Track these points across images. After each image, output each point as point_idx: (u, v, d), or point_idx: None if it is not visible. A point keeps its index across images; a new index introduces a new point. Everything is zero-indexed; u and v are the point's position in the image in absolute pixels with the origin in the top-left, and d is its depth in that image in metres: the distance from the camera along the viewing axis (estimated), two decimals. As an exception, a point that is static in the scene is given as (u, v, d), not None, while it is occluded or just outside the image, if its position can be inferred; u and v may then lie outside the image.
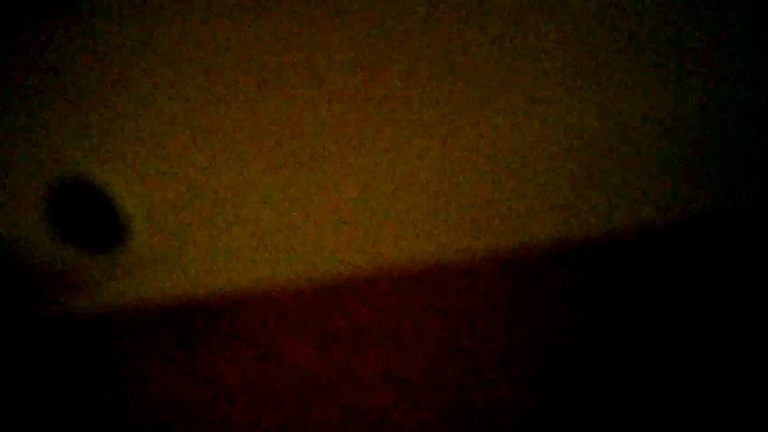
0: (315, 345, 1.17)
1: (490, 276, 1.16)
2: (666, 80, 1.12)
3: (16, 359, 1.20)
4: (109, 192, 1.17)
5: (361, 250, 1.17)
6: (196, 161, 1.16)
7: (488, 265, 1.15)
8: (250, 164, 1.15)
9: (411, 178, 1.14)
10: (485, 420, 1.13)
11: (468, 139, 1.13)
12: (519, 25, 1.11)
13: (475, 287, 1.15)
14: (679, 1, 1.11)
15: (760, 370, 1.12)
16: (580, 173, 1.14)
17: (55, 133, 1.16)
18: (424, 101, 1.13)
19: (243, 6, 1.12)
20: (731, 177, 1.15)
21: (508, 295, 1.15)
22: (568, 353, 1.14)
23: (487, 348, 1.14)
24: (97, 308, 1.20)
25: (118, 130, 1.16)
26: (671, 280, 1.15)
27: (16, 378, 1.20)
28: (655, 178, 1.15)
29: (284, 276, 1.18)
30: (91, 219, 1.17)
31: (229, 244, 1.18)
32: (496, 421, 1.13)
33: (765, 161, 1.15)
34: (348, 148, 1.14)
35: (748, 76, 1.12)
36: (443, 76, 1.12)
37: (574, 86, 1.13)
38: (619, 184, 1.14)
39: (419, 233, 1.16)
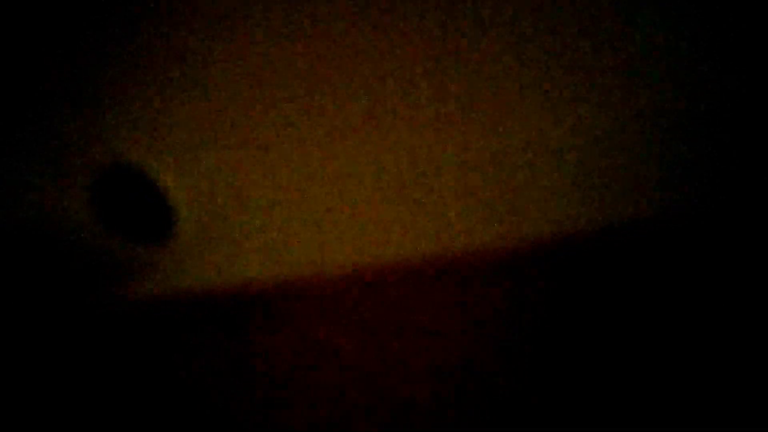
0: (358, 335, 1.18)
1: (533, 269, 1.17)
2: (664, 78, 1.14)
3: (64, 348, 1.22)
4: (157, 181, 1.18)
5: (404, 243, 1.19)
6: (244, 151, 1.17)
7: (531, 257, 1.17)
8: (298, 155, 1.17)
9: (458, 170, 1.16)
10: (528, 413, 1.15)
11: (492, 136, 1.15)
12: (529, 29, 1.13)
13: (520, 280, 1.17)
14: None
15: (743, 372, 1.14)
16: (591, 169, 1.16)
17: (104, 123, 1.17)
18: (460, 102, 1.14)
19: (290, 14, 1.14)
20: (729, 175, 1.16)
21: (551, 287, 1.17)
22: (602, 344, 1.16)
23: (532, 342, 1.16)
24: (143, 297, 1.21)
25: (168, 119, 1.17)
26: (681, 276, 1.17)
27: (64, 366, 1.21)
28: (658, 174, 1.16)
29: (329, 266, 1.20)
30: (139, 208, 1.19)
31: (275, 234, 1.19)
32: (539, 414, 1.15)
33: (764, 160, 1.16)
34: (403, 143, 1.15)
35: (745, 74, 1.14)
36: (459, 77, 1.14)
37: (578, 85, 1.14)
38: (630, 179, 1.16)
39: (465, 227, 1.17)
